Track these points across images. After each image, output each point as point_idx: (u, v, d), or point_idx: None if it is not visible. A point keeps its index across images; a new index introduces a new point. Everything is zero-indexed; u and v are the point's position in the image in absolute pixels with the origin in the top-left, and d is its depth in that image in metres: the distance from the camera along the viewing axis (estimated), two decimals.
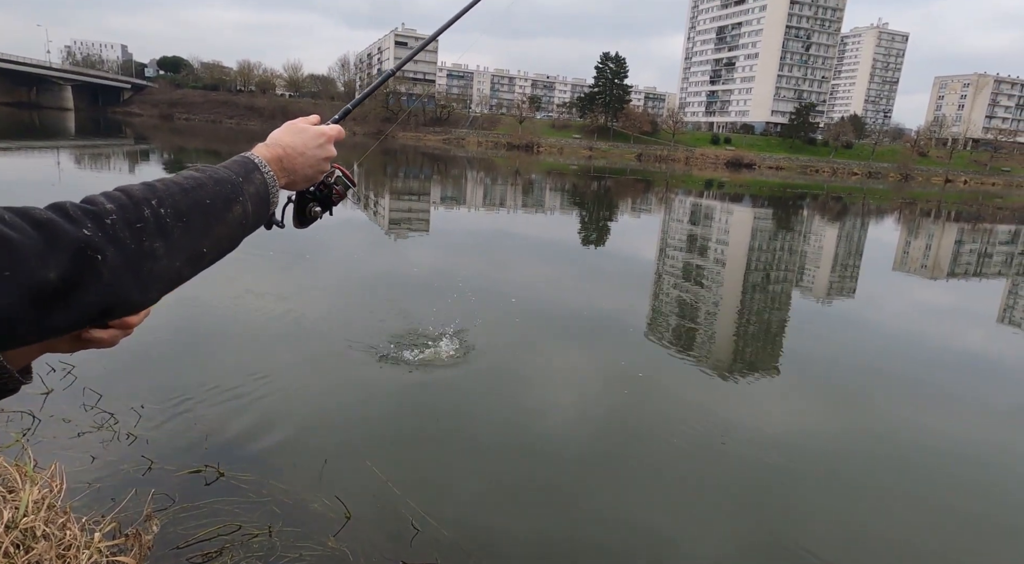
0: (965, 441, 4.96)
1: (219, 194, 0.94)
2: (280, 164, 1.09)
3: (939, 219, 30.14)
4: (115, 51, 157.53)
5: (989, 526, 3.78)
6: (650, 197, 30.10)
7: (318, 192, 1.25)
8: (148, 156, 30.06)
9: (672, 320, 7.96)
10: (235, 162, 1.04)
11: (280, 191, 1.10)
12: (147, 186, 0.87)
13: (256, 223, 1.03)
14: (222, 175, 0.98)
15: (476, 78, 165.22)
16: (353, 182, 1.29)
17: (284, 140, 1.12)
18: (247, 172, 1.02)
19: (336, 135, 1.21)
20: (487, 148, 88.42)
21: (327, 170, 1.21)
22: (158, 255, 0.83)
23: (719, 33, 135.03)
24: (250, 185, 1.00)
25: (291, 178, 1.12)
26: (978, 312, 10.32)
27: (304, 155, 1.13)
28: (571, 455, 4.15)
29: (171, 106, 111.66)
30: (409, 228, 14.04)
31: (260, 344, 5.46)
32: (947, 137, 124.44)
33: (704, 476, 4.04)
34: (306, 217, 1.25)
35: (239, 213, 0.97)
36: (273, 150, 1.10)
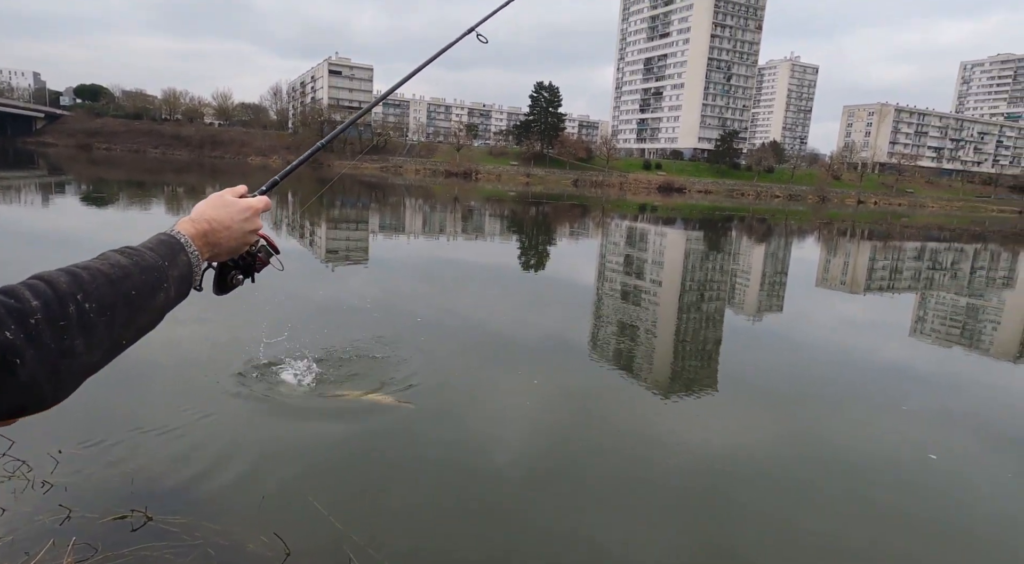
0: (888, 444, 5.25)
1: (145, 284, 0.92)
2: (205, 239, 1.09)
3: (854, 238, 32.13)
4: (26, 78, 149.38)
5: (914, 521, 4.00)
6: (587, 221, 30.78)
7: (241, 260, 1.23)
8: (64, 188, 28.46)
9: (612, 341, 8.12)
10: (162, 243, 1.01)
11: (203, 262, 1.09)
12: (73, 277, 0.84)
13: (176, 304, 1.01)
14: (149, 262, 0.95)
15: (412, 107, 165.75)
16: (276, 249, 1.29)
17: (209, 214, 1.11)
18: (173, 255, 1.00)
19: (263, 207, 1.20)
20: (425, 176, 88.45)
21: (251, 242, 1.20)
22: (77, 352, 0.80)
23: (646, 64, 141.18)
24: (175, 269, 0.99)
25: (215, 251, 1.12)
26: (893, 324, 11.01)
27: (230, 229, 1.12)
28: (517, 477, 4.14)
29: (90, 136, 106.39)
30: (347, 257, 13.81)
31: (187, 379, 5.22)
32: (857, 161, 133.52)
33: (648, 490, 4.11)
34: (227, 284, 1.23)
35: (162, 300, 0.96)
36: (198, 226, 1.09)
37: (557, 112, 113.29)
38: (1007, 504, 4.36)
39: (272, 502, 3.49)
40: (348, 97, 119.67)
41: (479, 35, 2.04)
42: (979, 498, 4.40)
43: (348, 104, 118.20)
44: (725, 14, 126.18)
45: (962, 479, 4.71)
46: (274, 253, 1.28)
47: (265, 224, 1.23)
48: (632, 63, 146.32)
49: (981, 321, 11.75)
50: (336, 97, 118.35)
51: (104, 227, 15.84)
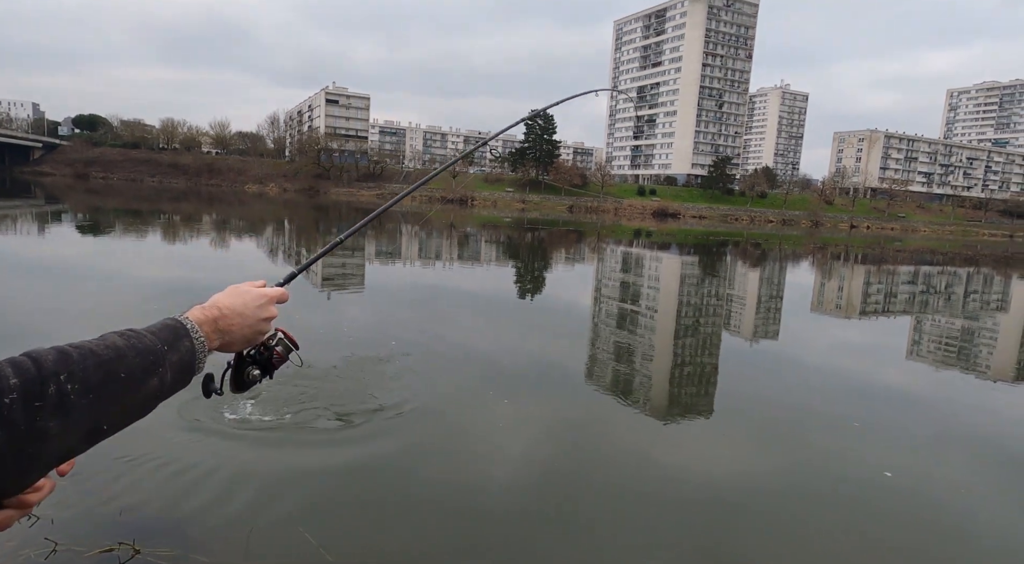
0: (888, 471, 5.20)
1: (137, 367, 0.88)
2: (215, 325, 1.06)
3: (848, 262, 32.31)
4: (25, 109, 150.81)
5: (913, 551, 3.93)
6: (583, 247, 30.91)
7: (258, 355, 1.20)
8: (60, 217, 28.50)
9: (608, 367, 8.08)
10: (165, 327, 0.98)
11: (214, 353, 1.08)
12: (61, 355, 0.81)
13: (172, 391, 0.97)
14: (146, 344, 0.91)
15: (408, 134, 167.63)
16: (295, 344, 1.25)
17: (222, 302, 1.09)
18: (175, 339, 0.96)
19: (278, 297, 1.19)
20: (421, 202, 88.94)
21: (268, 331, 1.17)
22: (49, 436, 0.76)
23: (640, 92, 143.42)
24: (174, 353, 0.95)
25: (227, 339, 1.09)
26: (889, 348, 11.01)
27: (243, 316, 1.10)
28: (516, 509, 4.07)
29: (87, 165, 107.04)
30: (343, 285, 13.80)
31: (175, 409, 5.15)
32: (849, 186, 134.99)
33: (645, 522, 4.05)
34: (244, 381, 1.21)
35: (155, 386, 0.91)
36: (209, 312, 1.06)
37: (552, 139, 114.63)
38: (1013, 530, 4.30)
39: (261, 534, 3.41)
40: (345, 125, 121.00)
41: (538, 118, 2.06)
42: (981, 526, 4.35)
43: (344, 132, 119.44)
44: (716, 43, 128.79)
45: (966, 509, 4.65)
46: (293, 348, 1.25)
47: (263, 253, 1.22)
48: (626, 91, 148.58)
49: (977, 344, 11.76)
50: (333, 125, 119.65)
51: (98, 256, 15.82)
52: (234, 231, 24.01)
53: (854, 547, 3.91)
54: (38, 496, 0.88)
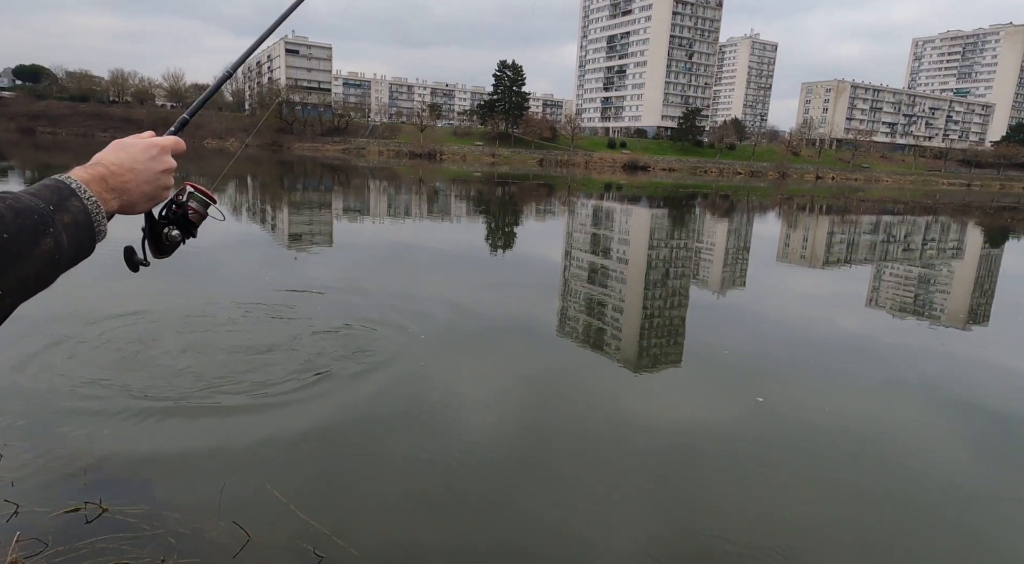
0: (848, 416, 5.41)
1: (22, 228, 0.81)
2: (105, 183, 0.97)
3: (813, 213, 32.88)
4: None
5: (874, 493, 4.12)
6: (553, 201, 30.78)
7: (171, 214, 1.12)
8: (6, 174, 27.15)
9: (580, 320, 8.15)
10: (45, 187, 0.89)
11: (115, 216, 1.00)
12: None
13: (76, 256, 0.91)
14: (27, 203, 0.83)
15: (374, 86, 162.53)
16: (212, 198, 1.17)
17: (108, 158, 1.00)
18: (61, 199, 0.89)
19: (171, 145, 1.09)
20: (388, 157, 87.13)
21: (169, 185, 1.08)
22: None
23: (609, 42, 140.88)
24: (64, 214, 0.88)
25: (125, 199, 1.00)
26: (851, 296, 11.33)
27: (134, 170, 1.01)
28: (487, 460, 4.13)
29: (32, 119, 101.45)
30: (311, 242, 13.53)
31: (139, 363, 5.04)
32: (815, 138, 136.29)
33: (617, 471, 4.15)
34: (164, 244, 1.12)
35: (50, 247, 0.84)
36: (93, 170, 0.97)
37: (521, 91, 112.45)
38: (963, 473, 4.54)
39: (232, 491, 3.40)
40: (307, 77, 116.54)
41: None
42: (934, 467, 4.57)
43: (307, 84, 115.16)
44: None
45: (919, 449, 4.88)
46: (211, 201, 1.17)
47: (226, 205, 1.14)
48: (595, 41, 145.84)
49: (932, 291, 12.17)
50: (294, 77, 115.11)
51: None
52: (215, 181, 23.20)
53: (815, 488, 4.08)
54: None
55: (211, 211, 1.18)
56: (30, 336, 5.49)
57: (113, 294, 6.98)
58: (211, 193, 1.18)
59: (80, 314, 6.17)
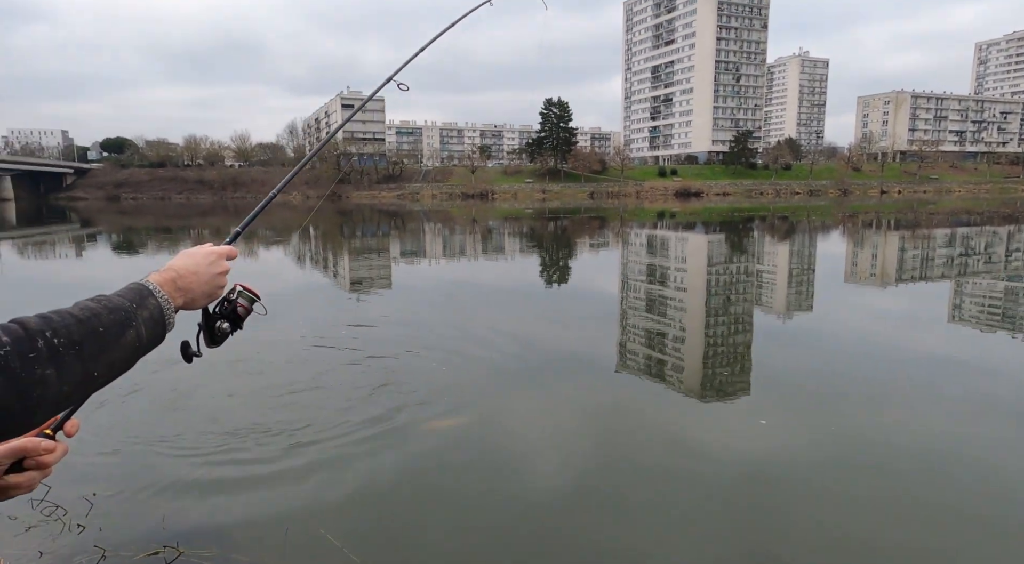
0: (933, 437, 5.05)
1: (113, 322, 1.01)
2: (174, 285, 1.18)
3: (881, 229, 31.47)
4: (55, 137, 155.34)
5: (964, 517, 3.81)
6: (606, 232, 30.68)
7: (223, 310, 1.32)
8: (95, 239, 29.33)
9: (640, 350, 8.00)
10: (130, 289, 1.10)
11: (180, 312, 1.19)
12: (43, 318, 0.94)
13: (151, 344, 1.10)
14: (116, 303, 1.04)
15: (425, 133, 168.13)
16: (256, 295, 1.36)
17: (176, 263, 1.23)
18: (141, 298, 1.09)
19: (226, 252, 1.31)
20: (442, 200, 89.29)
21: (224, 284, 1.29)
22: (49, 382, 0.89)
23: (654, 72, 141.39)
24: (144, 310, 1.07)
25: (189, 296, 1.21)
26: (930, 314, 10.69)
27: (197, 274, 1.22)
28: (554, 496, 4.05)
29: (117, 187, 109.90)
30: (371, 286, 13.92)
31: (212, 411, 5.25)
32: (877, 151, 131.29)
33: (687, 500, 4.00)
34: (216, 335, 1.32)
35: (132, 337, 1.03)
36: (166, 274, 1.19)
37: (568, 127, 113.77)
38: None
39: (296, 535, 3.47)
40: (362, 129, 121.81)
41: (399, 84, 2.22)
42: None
43: (362, 136, 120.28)
44: (729, 16, 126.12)
45: (1009, 472, 4.49)
46: (255, 298, 1.36)
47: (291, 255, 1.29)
48: (640, 72, 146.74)
49: (1022, 304, 11.34)
50: (351, 130, 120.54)
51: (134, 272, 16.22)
52: (262, 241, 24.44)
53: (905, 515, 3.80)
54: (53, 457, 1.02)
55: (256, 307, 1.37)
56: (110, 387, 5.81)
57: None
58: (256, 291, 1.37)
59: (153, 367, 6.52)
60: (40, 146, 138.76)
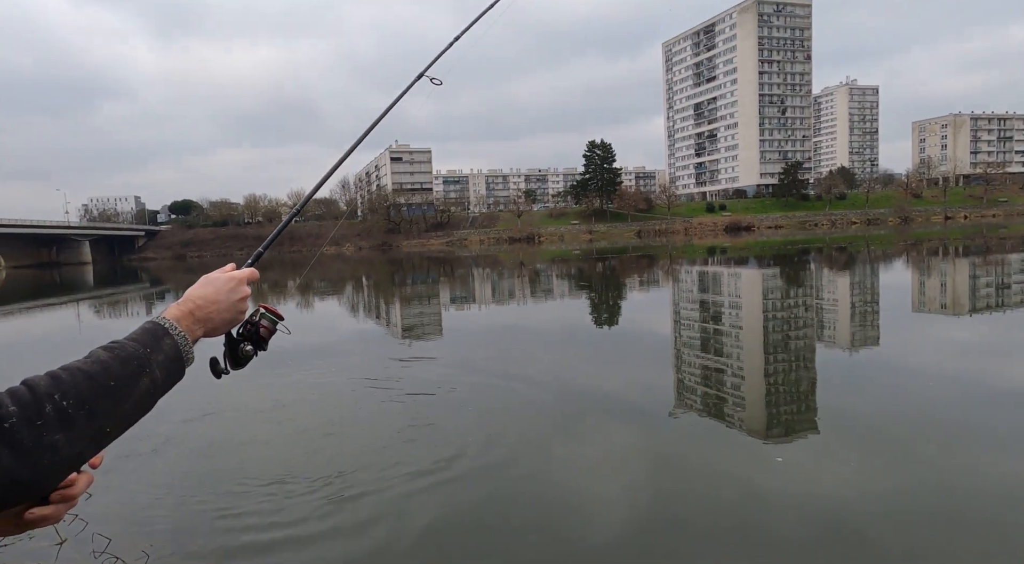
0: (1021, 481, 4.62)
1: (125, 374, 0.99)
2: (193, 317, 1.16)
3: (948, 256, 29.96)
4: (129, 203, 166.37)
5: None
6: (656, 271, 30.27)
7: (246, 332, 1.31)
8: (164, 296, 30.85)
9: (698, 391, 7.72)
10: (145, 332, 1.08)
11: (201, 340, 1.18)
12: (52, 378, 0.92)
13: (169, 385, 1.08)
14: (129, 351, 1.02)
15: (471, 180, 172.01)
16: (279, 316, 1.35)
17: (195, 293, 1.21)
18: (156, 340, 1.07)
19: (248, 276, 1.30)
20: (489, 245, 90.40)
21: (245, 309, 1.27)
22: (58, 446, 0.88)
23: (696, 109, 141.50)
24: (159, 353, 1.05)
25: (209, 326, 1.19)
26: (1011, 344, 9.98)
27: (217, 302, 1.21)
28: (615, 546, 3.87)
29: (183, 247, 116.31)
30: (423, 333, 14.05)
31: (267, 464, 5.30)
32: (937, 176, 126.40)
33: (758, 548, 3.74)
34: (240, 358, 1.31)
35: (147, 385, 1.02)
36: (184, 306, 1.17)
37: (612, 167, 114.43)
38: None
39: None
40: (410, 180, 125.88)
41: (432, 78, 2.08)
42: None
43: (410, 186, 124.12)
44: (771, 50, 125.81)
45: None
46: (278, 319, 1.35)
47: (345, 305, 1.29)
48: (682, 110, 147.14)
49: None
50: (399, 181, 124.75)
51: None
52: (316, 292, 25.16)
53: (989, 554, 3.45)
54: (77, 489, 1.01)
55: (279, 327, 1.36)
56: (145, 439, 5.97)
57: (231, 390, 7.52)
58: (279, 312, 1.36)
59: (209, 421, 6.67)
60: (115, 212, 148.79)
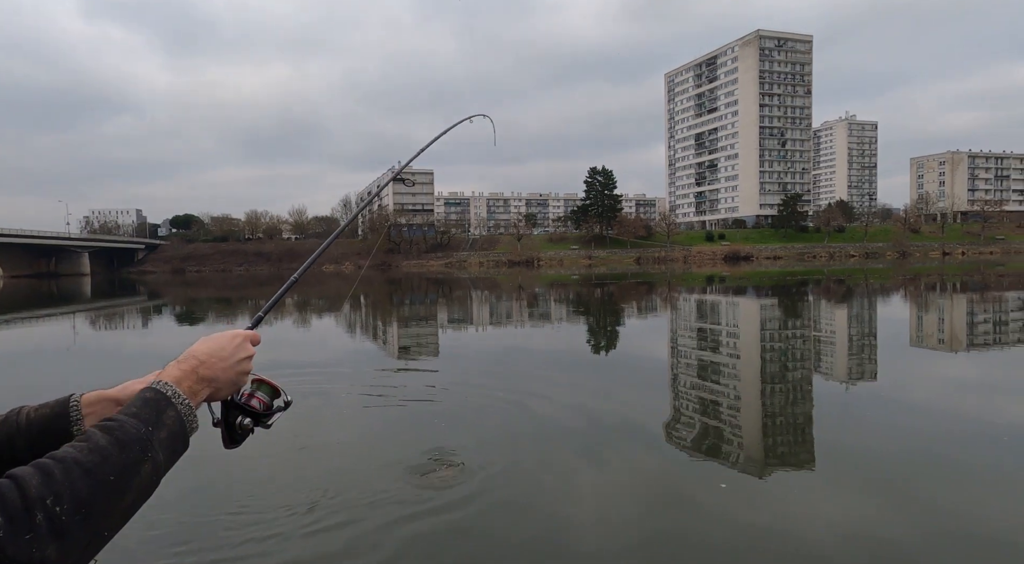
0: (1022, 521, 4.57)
1: (126, 463, 0.86)
2: (197, 375, 1.06)
3: (946, 291, 30.04)
4: (130, 216, 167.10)
5: None
6: (654, 298, 30.29)
7: (244, 402, 1.18)
8: (161, 311, 30.76)
9: (693, 421, 7.67)
10: (146, 403, 0.96)
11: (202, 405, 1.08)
12: (44, 476, 0.78)
13: (171, 463, 0.97)
14: (130, 434, 0.89)
15: (472, 203, 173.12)
16: (278, 390, 1.23)
17: (198, 349, 1.11)
18: (158, 415, 0.95)
19: (250, 336, 1.20)
20: (488, 268, 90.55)
21: (249, 370, 1.17)
22: (49, 560, 0.75)
23: (697, 139, 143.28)
24: (161, 430, 0.94)
25: (214, 386, 1.09)
26: (1009, 382, 9.96)
27: (223, 358, 1.11)
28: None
29: (183, 261, 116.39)
30: (419, 353, 14.00)
31: (257, 481, 5.23)
32: (935, 212, 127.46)
33: None
34: (237, 433, 1.17)
35: (148, 471, 0.90)
36: (187, 364, 1.07)
37: (613, 194, 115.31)
38: None
39: None
40: (412, 201, 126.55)
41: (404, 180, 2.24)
42: None
43: (412, 207, 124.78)
44: (771, 83, 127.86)
45: None
46: (277, 392, 1.23)
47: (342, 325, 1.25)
48: (683, 140, 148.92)
49: None
50: (400, 202, 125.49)
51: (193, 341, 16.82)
52: (314, 310, 25.11)
53: None
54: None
55: (279, 403, 1.23)
56: None
57: None
58: (278, 386, 1.23)
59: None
60: (116, 224, 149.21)
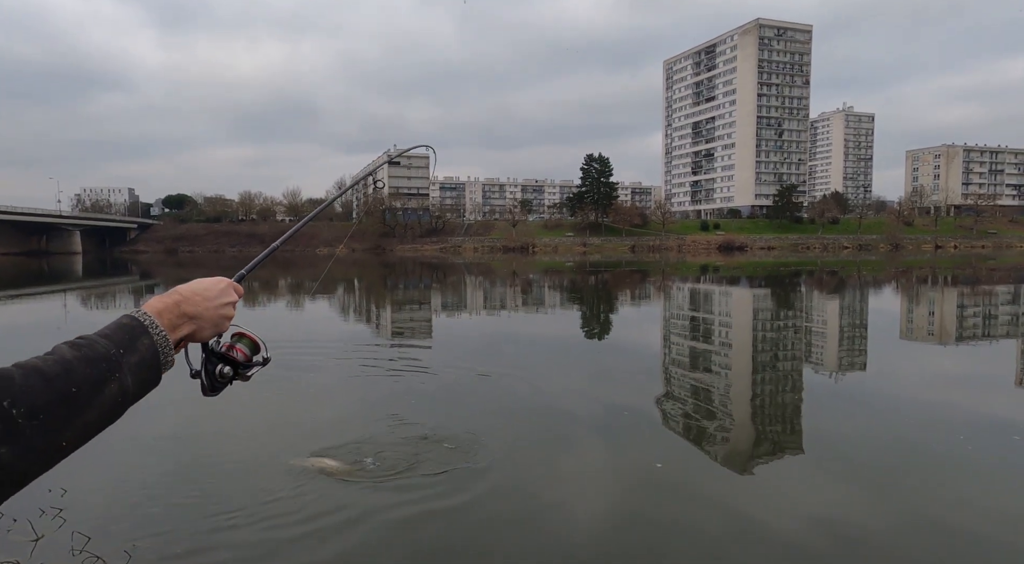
0: (1003, 512, 4.65)
1: (88, 378, 0.85)
2: (178, 309, 1.03)
3: (937, 285, 30.26)
4: (123, 195, 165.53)
5: None
6: (648, 286, 30.37)
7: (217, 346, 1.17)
8: (153, 290, 30.60)
9: (684, 409, 7.74)
10: (120, 328, 0.95)
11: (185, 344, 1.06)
12: (4, 379, 0.78)
13: (141, 393, 0.95)
14: (98, 352, 0.88)
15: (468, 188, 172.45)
16: (259, 345, 1.22)
17: (183, 287, 1.08)
18: (132, 339, 0.94)
19: (235, 285, 1.20)
20: (483, 253, 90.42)
21: (231, 316, 1.15)
22: (3, 463, 0.74)
23: (695, 128, 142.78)
24: (132, 355, 0.92)
25: (195, 325, 1.06)
26: (995, 375, 10.08)
27: (206, 298, 1.09)
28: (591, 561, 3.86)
29: (175, 241, 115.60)
30: (412, 337, 14.01)
31: (253, 462, 5.26)
32: (929, 205, 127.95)
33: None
34: (216, 381, 1.16)
35: (115, 391, 0.88)
36: (169, 298, 1.04)
37: (609, 181, 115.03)
38: None
39: None
40: (407, 184, 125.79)
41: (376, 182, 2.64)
42: None
43: (407, 191, 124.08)
44: (770, 73, 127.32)
45: None
46: (258, 347, 1.22)
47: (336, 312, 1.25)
48: (680, 128, 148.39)
49: None
50: (396, 186, 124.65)
51: None
52: (307, 292, 25.06)
53: None
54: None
55: (259, 358, 1.23)
56: (125, 433, 5.91)
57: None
58: (258, 339, 1.23)
59: (199, 426, 6.62)
60: (108, 203, 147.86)
